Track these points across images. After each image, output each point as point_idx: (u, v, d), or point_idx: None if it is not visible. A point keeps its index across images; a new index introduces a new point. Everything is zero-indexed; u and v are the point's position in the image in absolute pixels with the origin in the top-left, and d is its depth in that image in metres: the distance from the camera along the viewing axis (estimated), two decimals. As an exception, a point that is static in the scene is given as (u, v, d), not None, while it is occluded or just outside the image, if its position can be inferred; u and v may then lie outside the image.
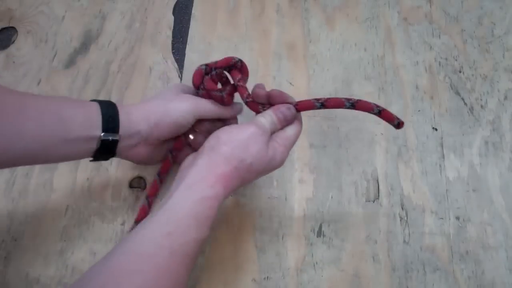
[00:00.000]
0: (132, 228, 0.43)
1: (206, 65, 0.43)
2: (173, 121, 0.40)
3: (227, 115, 0.44)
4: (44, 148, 0.34)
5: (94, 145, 0.37)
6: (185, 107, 0.41)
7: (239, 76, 0.42)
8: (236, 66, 0.42)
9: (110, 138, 0.37)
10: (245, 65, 0.43)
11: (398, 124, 0.41)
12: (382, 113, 0.40)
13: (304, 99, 0.42)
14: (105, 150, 0.38)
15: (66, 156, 0.37)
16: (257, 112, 0.42)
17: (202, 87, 0.42)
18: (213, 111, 0.42)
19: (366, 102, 0.40)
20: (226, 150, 0.36)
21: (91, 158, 0.39)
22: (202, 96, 0.43)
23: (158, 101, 0.41)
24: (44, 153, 0.35)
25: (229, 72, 0.43)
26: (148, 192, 0.45)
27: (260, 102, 0.42)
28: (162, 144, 0.43)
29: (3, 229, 0.46)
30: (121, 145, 0.38)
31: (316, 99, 0.41)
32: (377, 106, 0.40)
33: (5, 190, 0.48)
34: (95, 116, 0.37)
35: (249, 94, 0.41)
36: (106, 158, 0.40)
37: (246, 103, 0.42)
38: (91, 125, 0.36)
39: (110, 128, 0.37)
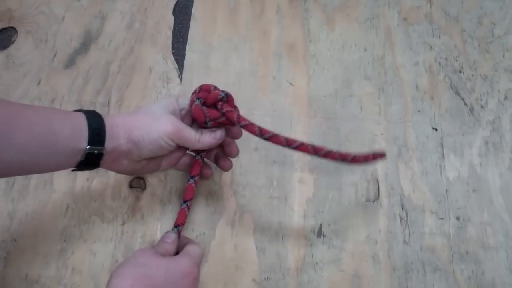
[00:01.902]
0: (172, 229, 0.42)
1: (198, 98, 0.42)
2: (152, 142, 0.39)
3: (206, 147, 0.42)
4: (32, 158, 0.34)
5: (79, 157, 0.37)
6: (168, 130, 0.39)
7: (227, 108, 0.41)
8: (223, 100, 0.41)
9: (96, 151, 0.37)
10: (231, 99, 0.42)
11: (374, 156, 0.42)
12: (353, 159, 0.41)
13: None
14: (89, 162, 0.37)
15: (52, 167, 0.37)
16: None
17: (208, 120, 0.41)
18: (192, 143, 0.41)
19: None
20: None
21: (73, 168, 0.39)
22: (212, 126, 0.42)
23: (144, 118, 0.40)
24: (31, 164, 0.35)
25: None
26: (185, 196, 0.43)
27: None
28: (146, 160, 0.42)
29: (3, 229, 0.46)
30: (105, 157, 0.38)
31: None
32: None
33: (5, 190, 0.48)
34: (82, 127, 0.36)
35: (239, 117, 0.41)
36: (89, 169, 0.39)
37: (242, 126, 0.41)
38: (78, 136, 0.36)
39: (95, 141, 0.37)
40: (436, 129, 0.52)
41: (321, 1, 0.59)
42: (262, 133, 0.40)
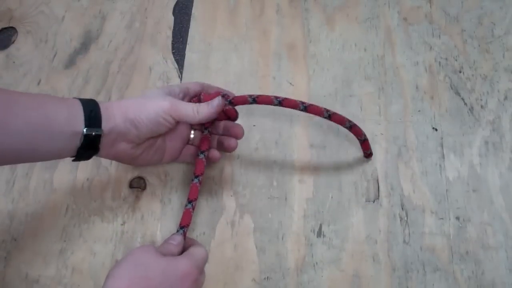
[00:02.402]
0: (177, 230, 0.42)
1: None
2: (150, 119, 0.39)
3: (205, 119, 0.42)
4: (29, 144, 0.34)
5: (77, 141, 0.37)
6: (164, 106, 0.40)
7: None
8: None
9: (93, 132, 0.37)
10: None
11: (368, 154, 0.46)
12: (332, 116, 0.45)
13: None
14: (88, 146, 0.37)
15: (50, 153, 0.37)
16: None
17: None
18: (190, 116, 0.41)
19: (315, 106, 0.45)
20: None
21: (73, 158, 0.39)
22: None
23: (139, 99, 0.41)
24: (29, 150, 0.35)
25: None
26: (189, 196, 0.43)
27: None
28: (146, 144, 0.42)
29: (3, 229, 0.46)
30: (103, 141, 0.38)
31: (250, 95, 0.44)
32: (328, 111, 0.45)
33: (5, 190, 0.48)
34: (78, 111, 0.37)
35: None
36: (89, 156, 0.39)
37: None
38: (74, 120, 0.36)
39: (92, 123, 0.37)
40: (436, 129, 0.52)
41: (321, 1, 0.59)
42: (253, 98, 0.44)
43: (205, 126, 0.45)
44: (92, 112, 0.37)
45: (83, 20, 0.58)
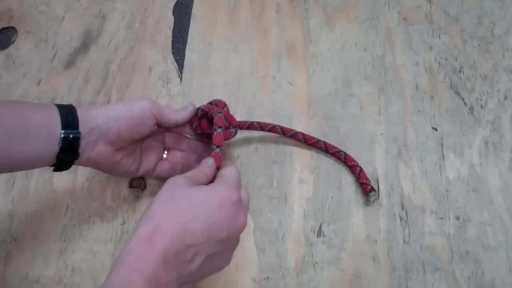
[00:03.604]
0: (213, 149, 0.40)
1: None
2: (131, 116, 0.39)
3: (181, 121, 0.43)
4: (4, 150, 0.34)
5: (56, 146, 0.36)
6: (144, 104, 0.40)
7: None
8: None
9: (71, 135, 0.36)
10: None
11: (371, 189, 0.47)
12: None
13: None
14: (67, 150, 0.37)
15: (28, 160, 0.36)
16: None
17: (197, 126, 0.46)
18: (170, 115, 0.42)
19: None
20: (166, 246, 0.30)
21: (53, 167, 0.38)
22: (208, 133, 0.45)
23: (119, 102, 0.42)
24: (5, 157, 0.34)
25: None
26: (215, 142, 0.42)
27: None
28: (125, 151, 0.42)
29: (3, 229, 0.46)
30: (82, 144, 0.37)
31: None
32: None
33: (5, 190, 0.48)
34: (54, 115, 0.36)
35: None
36: (69, 163, 0.39)
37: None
38: (51, 124, 0.36)
39: (69, 125, 0.36)
40: (436, 129, 0.52)
41: (321, 1, 0.59)
42: (233, 124, 0.46)
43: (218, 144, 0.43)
44: (68, 115, 0.37)
45: (83, 20, 0.58)
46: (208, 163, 0.39)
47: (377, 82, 0.54)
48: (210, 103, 0.46)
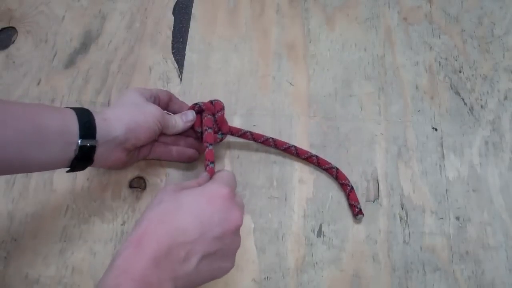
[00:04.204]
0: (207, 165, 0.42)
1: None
2: (148, 127, 0.41)
3: (180, 130, 0.45)
4: (19, 155, 0.34)
5: (72, 153, 0.36)
6: (158, 114, 0.41)
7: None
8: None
9: (88, 144, 0.36)
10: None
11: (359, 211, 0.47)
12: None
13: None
14: (83, 157, 0.37)
15: (42, 165, 0.36)
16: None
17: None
18: (172, 125, 0.44)
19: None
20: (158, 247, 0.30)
21: (67, 169, 0.38)
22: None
23: (133, 106, 0.41)
24: (19, 161, 0.34)
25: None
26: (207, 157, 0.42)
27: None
28: (137, 149, 0.44)
29: (3, 229, 0.46)
30: (98, 151, 0.38)
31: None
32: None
33: (5, 190, 0.48)
34: (72, 122, 0.36)
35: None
36: (84, 167, 0.39)
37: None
38: (68, 132, 0.36)
39: (87, 134, 0.37)
40: (436, 129, 0.52)
41: (321, 1, 0.59)
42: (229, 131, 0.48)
43: (209, 143, 0.44)
44: (86, 123, 0.37)
45: (83, 20, 0.58)
46: (203, 175, 0.40)
47: (377, 82, 0.54)
48: (211, 101, 0.46)
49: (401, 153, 0.51)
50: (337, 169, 0.48)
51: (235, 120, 0.52)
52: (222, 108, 0.46)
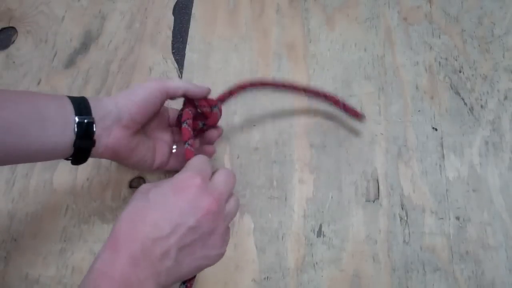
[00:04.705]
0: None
1: (185, 121, 0.44)
2: (140, 98, 0.39)
3: (197, 92, 0.43)
4: (22, 137, 0.34)
5: (71, 134, 0.36)
6: (150, 84, 0.40)
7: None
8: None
9: (85, 120, 0.36)
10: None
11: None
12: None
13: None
14: (83, 135, 0.36)
15: (45, 149, 0.36)
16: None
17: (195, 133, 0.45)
18: (177, 85, 0.41)
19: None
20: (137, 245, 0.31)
21: (70, 158, 0.38)
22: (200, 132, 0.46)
23: (123, 90, 0.42)
24: (22, 144, 0.34)
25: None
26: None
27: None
28: (140, 136, 0.42)
29: (3, 229, 0.46)
30: (98, 131, 0.37)
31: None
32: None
33: (5, 190, 0.48)
34: (66, 104, 0.37)
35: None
36: (86, 153, 0.38)
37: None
38: (65, 111, 0.36)
39: (82, 111, 0.37)
40: (436, 129, 0.52)
41: (321, 1, 0.59)
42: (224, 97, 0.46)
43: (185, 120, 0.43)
44: (80, 104, 0.37)
45: (83, 20, 0.58)
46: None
47: (377, 82, 0.54)
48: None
49: (401, 153, 0.51)
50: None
51: (235, 120, 0.52)
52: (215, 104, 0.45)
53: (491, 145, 0.51)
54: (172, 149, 0.46)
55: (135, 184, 0.49)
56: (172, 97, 0.42)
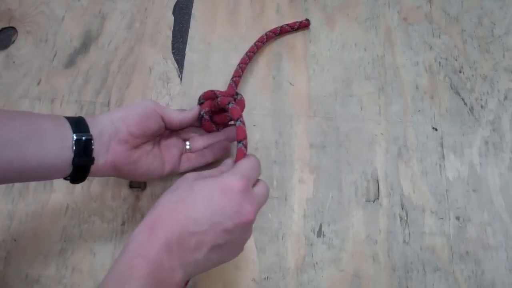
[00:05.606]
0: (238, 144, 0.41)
1: (204, 110, 0.46)
2: (138, 113, 0.40)
3: (186, 121, 0.44)
4: (19, 153, 0.33)
5: (70, 152, 0.36)
6: (146, 102, 0.41)
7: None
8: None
9: (83, 137, 0.36)
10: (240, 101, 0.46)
11: None
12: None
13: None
14: (81, 153, 0.36)
15: (43, 167, 0.35)
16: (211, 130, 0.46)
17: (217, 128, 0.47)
18: (174, 115, 0.43)
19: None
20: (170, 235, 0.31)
21: (69, 177, 0.38)
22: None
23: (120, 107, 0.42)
24: (20, 159, 0.34)
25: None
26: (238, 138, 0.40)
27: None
28: (142, 149, 0.41)
29: (3, 229, 0.46)
30: (96, 147, 0.37)
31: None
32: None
33: (5, 190, 0.48)
34: (63, 122, 0.37)
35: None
36: (85, 171, 0.38)
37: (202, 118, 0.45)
38: (62, 129, 0.36)
39: (80, 129, 0.37)
40: (436, 129, 0.52)
41: (321, 1, 0.59)
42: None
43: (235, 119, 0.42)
44: (77, 122, 0.37)
45: (83, 20, 0.58)
46: (227, 163, 0.39)
47: (377, 82, 0.54)
48: (201, 102, 0.47)
49: (401, 153, 0.51)
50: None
51: (235, 120, 0.52)
52: (217, 96, 0.45)
53: (491, 145, 0.51)
54: (184, 149, 0.46)
55: (135, 184, 0.49)
56: (167, 125, 0.43)
